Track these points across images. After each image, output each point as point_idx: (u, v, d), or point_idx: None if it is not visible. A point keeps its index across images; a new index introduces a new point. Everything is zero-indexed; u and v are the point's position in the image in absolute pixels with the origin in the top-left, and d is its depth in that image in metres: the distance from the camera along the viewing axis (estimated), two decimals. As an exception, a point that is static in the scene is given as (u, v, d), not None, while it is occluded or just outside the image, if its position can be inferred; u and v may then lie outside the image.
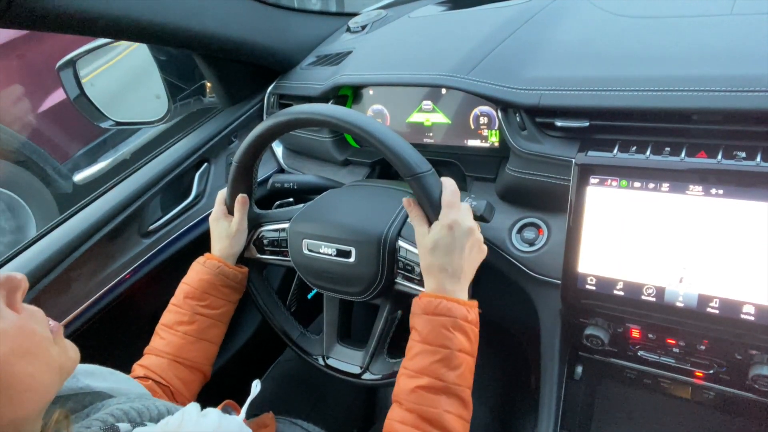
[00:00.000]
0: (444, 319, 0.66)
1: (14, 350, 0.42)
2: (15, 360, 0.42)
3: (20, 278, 0.46)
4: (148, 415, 0.51)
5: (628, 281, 0.72)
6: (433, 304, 0.67)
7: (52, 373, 0.45)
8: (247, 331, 1.31)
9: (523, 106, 0.79)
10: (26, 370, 0.42)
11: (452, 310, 0.66)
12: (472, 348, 0.67)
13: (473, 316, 0.68)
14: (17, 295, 0.45)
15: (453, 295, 0.68)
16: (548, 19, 0.92)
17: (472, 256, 0.70)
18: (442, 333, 0.66)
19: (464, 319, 0.67)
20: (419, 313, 0.69)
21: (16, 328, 0.43)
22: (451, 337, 0.65)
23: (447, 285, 0.68)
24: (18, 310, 0.45)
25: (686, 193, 0.67)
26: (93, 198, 1.01)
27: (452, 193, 0.70)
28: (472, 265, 0.71)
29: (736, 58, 0.70)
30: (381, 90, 1.03)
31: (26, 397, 0.42)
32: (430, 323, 0.67)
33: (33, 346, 0.44)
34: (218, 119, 1.16)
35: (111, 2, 0.77)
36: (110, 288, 0.99)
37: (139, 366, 0.81)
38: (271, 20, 1.10)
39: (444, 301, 0.67)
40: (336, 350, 0.91)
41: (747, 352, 0.70)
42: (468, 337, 0.67)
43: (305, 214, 0.88)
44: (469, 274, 0.70)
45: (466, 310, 0.67)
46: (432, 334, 0.66)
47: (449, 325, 0.66)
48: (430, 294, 0.69)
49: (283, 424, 0.86)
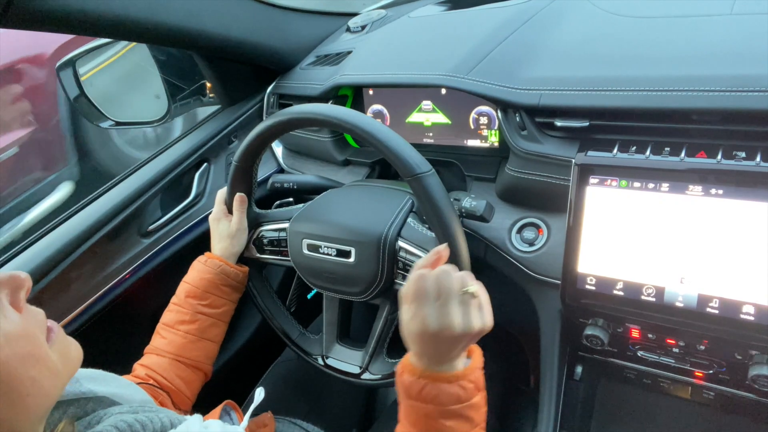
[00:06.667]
0: (429, 408, 0.54)
1: (17, 353, 0.41)
2: (17, 363, 0.41)
3: (24, 277, 0.45)
4: (151, 428, 0.50)
5: (628, 281, 0.72)
6: (415, 388, 0.54)
7: (54, 377, 0.44)
8: (247, 331, 1.31)
9: (523, 106, 0.79)
10: (28, 373, 0.42)
11: (439, 397, 0.53)
12: (472, 424, 0.56)
13: (470, 387, 0.55)
14: (21, 294, 0.45)
15: (440, 367, 0.54)
16: (548, 19, 0.92)
17: (463, 347, 0.56)
18: (430, 424, 0.54)
19: (456, 401, 0.54)
20: (401, 393, 0.57)
21: (19, 331, 0.42)
22: (441, 427, 0.54)
23: (432, 353, 0.55)
24: (21, 310, 0.44)
25: (686, 193, 0.67)
26: (93, 198, 1.01)
27: (417, 287, 0.54)
28: (464, 350, 0.57)
29: (735, 58, 0.70)
30: (381, 90, 1.03)
31: (27, 401, 0.41)
32: (415, 410, 0.55)
33: (34, 350, 0.43)
34: (218, 119, 1.16)
35: (111, 2, 0.77)
36: (110, 288, 0.99)
37: (140, 365, 0.81)
38: (271, 20, 1.10)
39: (428, 385, 0.54)
40: (335, 350, 0.91)
41: (747, 352, 0.70)
42: (465, 418, 0.55)
43: (305, 214, 0.88)
44: (461, 353, 0.57)
45: (459, 388, 0.54)
46: (419, 422, 0.55)
47: (437, 415, 0.54)
48: (412, 370, 0.55)
49: (282, 424, 0.87)
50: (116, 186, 1.03)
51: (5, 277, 0.44)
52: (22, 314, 0.44)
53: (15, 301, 0.44)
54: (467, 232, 0.82)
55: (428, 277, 0.55)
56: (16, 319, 0.43)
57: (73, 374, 0.48)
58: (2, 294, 0.43)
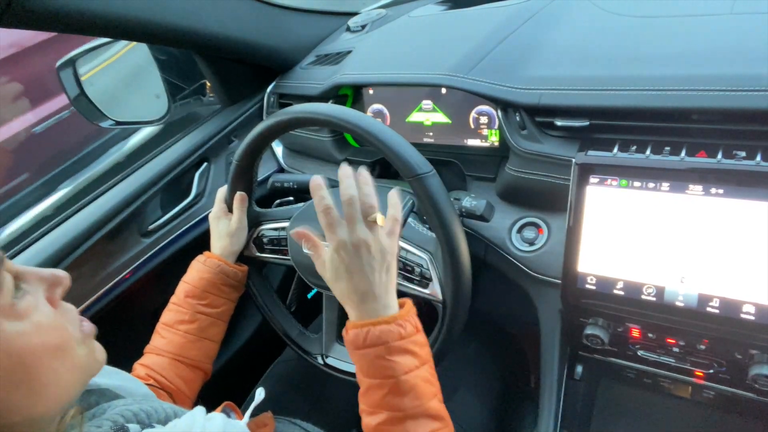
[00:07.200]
0: (377, 350, 0.60)
1: (45, 344, 0.43)
2: (43, 353, 0.42)
3: (63, 276, 0.47)
4: (156, 417, 0.51)
5: (628, 281, 0.72)
6: (360, 336, 0.61)
7: (76, 372, 0.46)
8: (247, 330, 1.31)
9: (523, 105, 0.79)
10: (52, 365, 0.43)
11: (382, 336, 0.60)
12: (419, 360, 0.62)
13: (409, 327, 0.62)
14: (57, 291, 0.47)
15: (378, 314, 0.62)
16: (548, 18, 0.92)
17: (378, 267, 0.63)
18: (381, 364, 0.60)
19: (398, 338, 0.61)
20: (351, 349, 0.63)
21: (50, 323, 0.44)
22: (391, 366, 0.60)
23: (367, 307, 0.63)
24: (56, 305, 0.46)
25: (686, 192, 0.67)
26: (93, 197, 1.01)
27: (324, 212, 0.63)
28: (386, 275, 0.64)
29: (736, 57, 0.70)
30: (381, 89, 1.03)
31: (47, 392, 0.42)
32: (365, 358, 0.61)
33: (63, 343, 0.45)
34: (218, 119, 1.16)
35: (111, 2, 0.77)
36: (110, 288, 0.99)
37: (139, 365, 0.81)
38: (271, 20, 1.10)
39: (371, 329, 0.61)
40: (335, 349, 0.91)
41: (747, 352, 0.70)
42: (410, 353, 0.61)
43: (305, 213, 0.88)
44: (386, 285, 0.64)
45: (397, 326, 0.61)
46: (372, 368, 0.61)
47: (384, 353, 0.60)
48: (354, 324, 0.63)
49: (282, 424, 0.87)
50: (116, 186, 1.03)
51: (47, 273, 0.46)
52: (57, 309, 0.46)
53: (51, 296, 0.46)
54: (467, 232, 0.82)
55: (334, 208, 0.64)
56: (49, 312, 0.45)
57: (96, 373, 0.50)
58: (41, 288, 0.45)
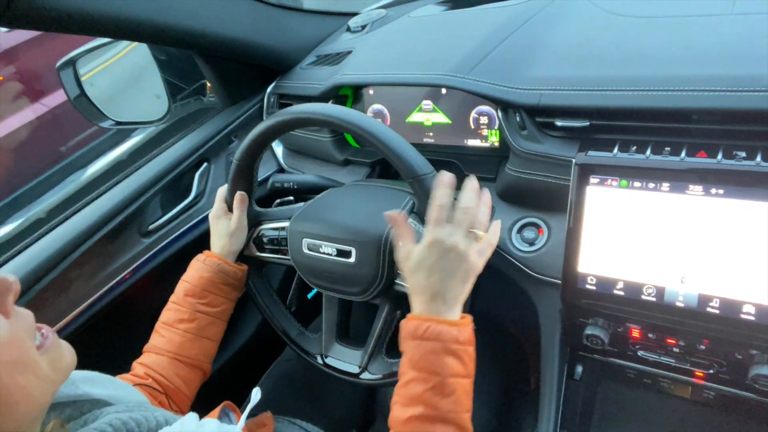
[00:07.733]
0: (433, 344, 0.62)
1: (4, 361, 0.40)
2: (4, 371, 0.40)
3: (12, 280, 0.44)
4: (146, 426, 0.50)
5: (628, 281, 0.72)
6: (421, 328, 0.63)
7: (43, 384, 0.43)
8: (246, 330, 1.31)
9: (523, 105, 0.79)
10: (16, 382, 0.40)
11: (441, 334, 0.62)
12: (466, 370, 0.64)
13: (465, 335, 0.64)
14: (8, 299, 0.43)
15: (441, 315, 0.64)
16: (548, 18, 0.92)
17: (459, 276, 0.65)
18: (432, 359, 0.62)
19: (455, 341, 0.63)
20: (407, 338, 0.65)
21: (7, 337, 0.41)
22: (441, 363, 0.62)
23: (434, 306, 0.65)
24: (9, 315, 0.43)
25: (686, 192, 0.67)
26: (93, 197, 1.01)
27: (438, 208, 0.66)
28: (462, 286, 0.66)
29: (736, 57, 0.70)
30: (381, 90, 1.03)
31: (15, 409, 0.40)
32: (419, 349, 0.63)
33: (23, 356, 0.42)
34: (218, 119, 1.16)
35: (111, 2, 0.77)
36: (110, 288, 0.99)
37: (138, 364, 0.81)
38: (271, 20, 1.10)
39: (432, 325, 0.63)
40: (335, 349, 0.91)
41: (747, 352, 0.70)
42: (461, 360, 0.63)
43: (305, 213, 0.88)
44: (458, 294, 0.66)
45: (457, 332, 0.63)
46: (422, 360, 0.62)
47: (439, 350, 0.62)
48: (417, 317, 0.65)
49: (281, 424, 0.86)
50: (116, 186, 1.03)
51: None
52: (10, 319, 0.42)
53: (2, 305, 0.43)
54: (467, 232, 0.82)
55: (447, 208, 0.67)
56: (4, 325, 0.41)
57: (65, 380, 0.47)
58: None
